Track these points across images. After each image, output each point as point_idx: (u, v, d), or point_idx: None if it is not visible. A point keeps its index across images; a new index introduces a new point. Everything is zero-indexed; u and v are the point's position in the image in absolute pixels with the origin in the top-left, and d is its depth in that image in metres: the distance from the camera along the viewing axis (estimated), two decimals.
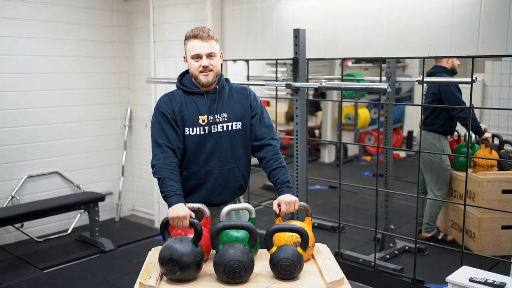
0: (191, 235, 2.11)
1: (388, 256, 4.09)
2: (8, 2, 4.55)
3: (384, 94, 4.40)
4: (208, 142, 2.35)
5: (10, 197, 4.66)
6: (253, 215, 2.27)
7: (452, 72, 4.39)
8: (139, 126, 5.58)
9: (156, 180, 2.28)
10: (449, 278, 2.66)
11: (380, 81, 3.69)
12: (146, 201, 5.60)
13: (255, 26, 4.28)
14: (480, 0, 3.11)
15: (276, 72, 4.39)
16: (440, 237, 4.47)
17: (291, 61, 3.34)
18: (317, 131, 8.54)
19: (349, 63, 8.01)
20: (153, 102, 5.22)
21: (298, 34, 3.20)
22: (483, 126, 4.42)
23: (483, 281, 2.55)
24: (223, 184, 2.40)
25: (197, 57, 2.31)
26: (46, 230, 4.96)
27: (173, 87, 4.89)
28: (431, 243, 4.10)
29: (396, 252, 4.19)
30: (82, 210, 4.89)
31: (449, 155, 4.45)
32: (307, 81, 3.43)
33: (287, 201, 2.27)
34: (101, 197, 4.74)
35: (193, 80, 2.39)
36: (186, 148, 2.34)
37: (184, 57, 2.41)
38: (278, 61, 4.27)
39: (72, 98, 5.11)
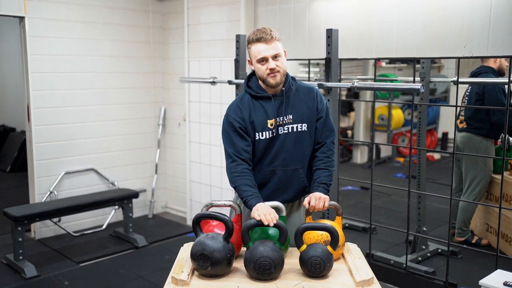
0: (222, 232, 2.15)
1: (420, 259, 4.04)
2: (47, 3, 4.69)
3: (417, 94, 4.33)
4: (275, 143, 2.38)
5: (49, 192, 4.82)
6: (284, 213, 2.29)
7: (499, 73, 4.13)
8: (172, 125, 5.67)
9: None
10: (482, 282, 2.61)
11: (414, 82, 3.64)
12: (179, 199, 5.68)
13: (288, 27, 4.29)
14: None
15: (309, 72, 4.38)
16: (474, 241, 4.38)
17: (323, 61, 3.34)
18: (349, 132, 8.49)
19: (383, 64, 7.92)
20: (186, 102, 5.30)
21: (330, 34, 3.20)
22: None
23: None
24: (286, 184, 2.42)
25: (263, 60, 2.31)
26: (82, 225, 5.10)
27: (205, 87, 5.03)
28: (465, 246, 4.02)
29: (429, 254, 4.14)
30: (116, 207, 5.01)
31: (484, 157, 4.36)
32: (339, 81, 3.42)
33: (317, 196, 2.28)
34: (135, 194, 4.84)
35: (260, 82, 2.40)
36: (256, 151, 2.38)
37: (248, 61, 2.41)
38: (311, 61, 4.26)
39: (108, 97, 5.24)
